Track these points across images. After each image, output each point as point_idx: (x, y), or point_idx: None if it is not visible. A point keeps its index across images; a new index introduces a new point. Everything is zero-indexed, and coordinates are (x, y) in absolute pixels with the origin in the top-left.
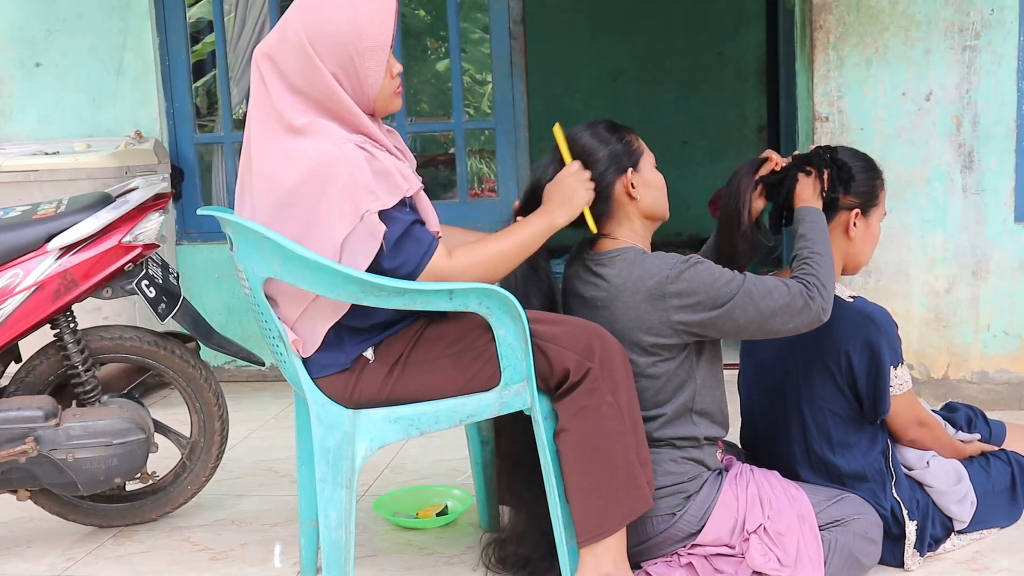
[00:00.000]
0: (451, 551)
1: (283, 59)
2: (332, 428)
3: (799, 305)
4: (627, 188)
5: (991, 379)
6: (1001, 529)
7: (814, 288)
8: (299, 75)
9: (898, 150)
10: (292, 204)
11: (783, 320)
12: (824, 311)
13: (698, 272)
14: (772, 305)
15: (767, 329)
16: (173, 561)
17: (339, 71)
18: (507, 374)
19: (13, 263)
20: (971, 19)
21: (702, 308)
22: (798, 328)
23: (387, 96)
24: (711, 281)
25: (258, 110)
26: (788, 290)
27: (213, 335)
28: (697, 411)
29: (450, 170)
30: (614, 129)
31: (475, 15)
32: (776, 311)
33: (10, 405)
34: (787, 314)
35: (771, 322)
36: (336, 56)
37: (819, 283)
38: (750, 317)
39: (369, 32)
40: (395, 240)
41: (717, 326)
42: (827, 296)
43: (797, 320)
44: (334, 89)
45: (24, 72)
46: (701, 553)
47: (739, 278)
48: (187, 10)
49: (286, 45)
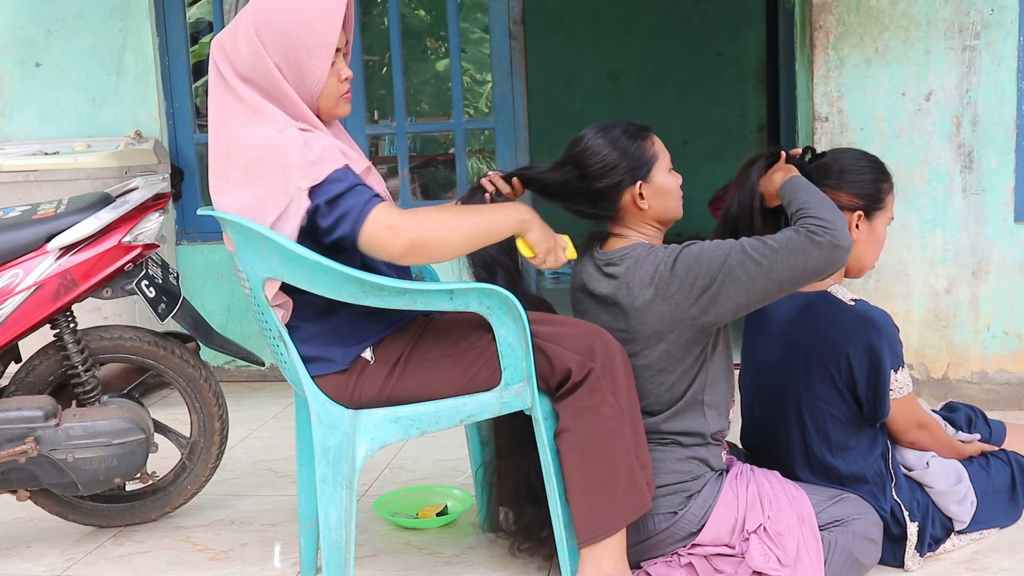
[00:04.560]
0: (451, 551)
1: (232, 48)
2: (332, 428)
3: (800, 241)
4: (635, 198)
5: (991, 379)
6: (1001, 529)
7: (812, 224)
8: (245, 64)
9: (898, 150)
10: (240, 186)
11: (792, 261)
12: (837, 239)
13: (688, 252)
14: (772, 248)
15: (780, 278)
16: (173, 561)
17: (282, 62)
18: (508, 374)
19: (13, 263)
20: (971, 19)
21: (701, 280)
22: (818, 267)
23: (332, 98)
24: (699, 254)
25: (213, 94)
26: (786, 235)
27: (213, 335)
28: (707, 403)
29: (450, 170)
30: (630, 135)
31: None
32: (778, 252)
33: (10, 405)
34: (792, 253)
35: (779, 267)
36: (279, 47)
37: (816, 218)
38: (753, 274)
39: (314, 28)
40: (333, 196)
41: (725, 293)
42: (830, 224)
43: (809, 259)
44: (276, 79)
45: (24, 72)
46: (701, 553)
47: (730, 241)
48: (187, 10)
49: (238, 36)
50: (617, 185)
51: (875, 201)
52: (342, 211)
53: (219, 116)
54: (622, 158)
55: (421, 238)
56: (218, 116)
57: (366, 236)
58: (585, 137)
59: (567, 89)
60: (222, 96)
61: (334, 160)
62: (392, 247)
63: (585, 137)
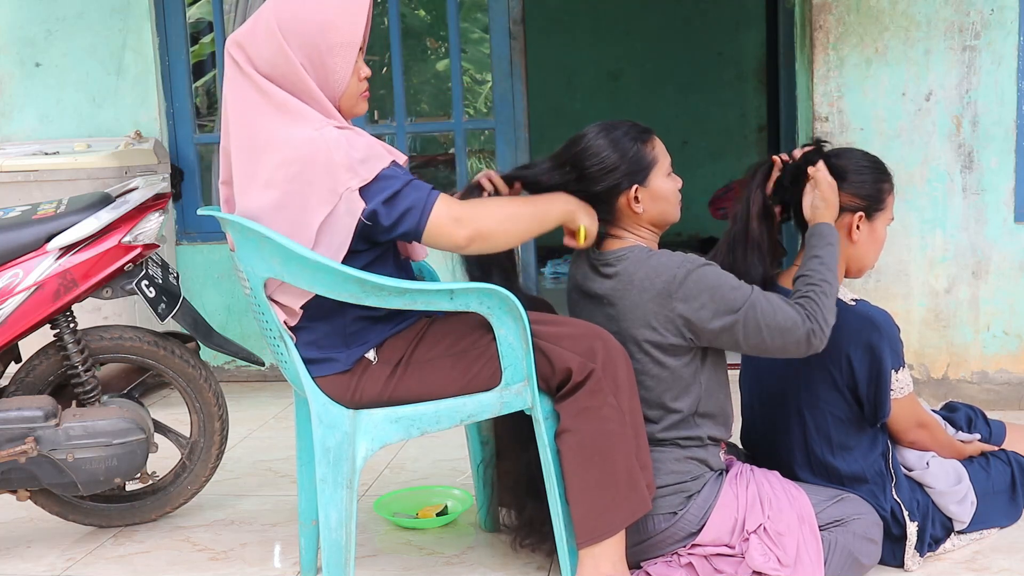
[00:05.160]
0: (451, 551)
1: (253, 46)
2: (333, 428)
3: (801, 334)
4: (630, 201)
5: (991, 379)
6: (1001, 529)
7: (817, 323)
8: (267, 62)
9: (898, 150)
10: (271, 185)
11: (781, 344)
12: (821, 345)
13: (704, 275)
14: (774, 325)
15: (763, 348)
16: (173, 561)
17: (307, 62)
18: (508, 374)
19: (13, 263)
20: (971, 19)
21: (706, 312)
22: (789, 354)
23: (353, 97)
24: (717, 285)
25: (234, 91)
26: (793, 316)
27: (213, 335)
28: (701, 414)
29: (450, 170)
30: (631, 137)
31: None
32: (776, 332)
33: (10, 405)
34: (787, 339)
35: (769, 342)
36: (303, 46)
37: (822, 317)
38: (750, 332)
39: (340, 27)
40: (392, 194)
41: (720, 335)
42: (827, 331)
43: (794, 348)
44: (303, 78)
45: (24, 72)
46: (701, 553)
47: (746, 288)
48: (187, 10)
49: (257, 34)
50: (614, 188)
51: (876, 202)
52: (405, 207)
53: (241, 111)
54: (620, 161)
55: (485, 229)
56: (240, 111)
57: (432, 230)
58: (585, 137)
59: (567, 89)
60: (244, 91)
61: (379, 158)
62: (458, 238)
63: (585, 137)
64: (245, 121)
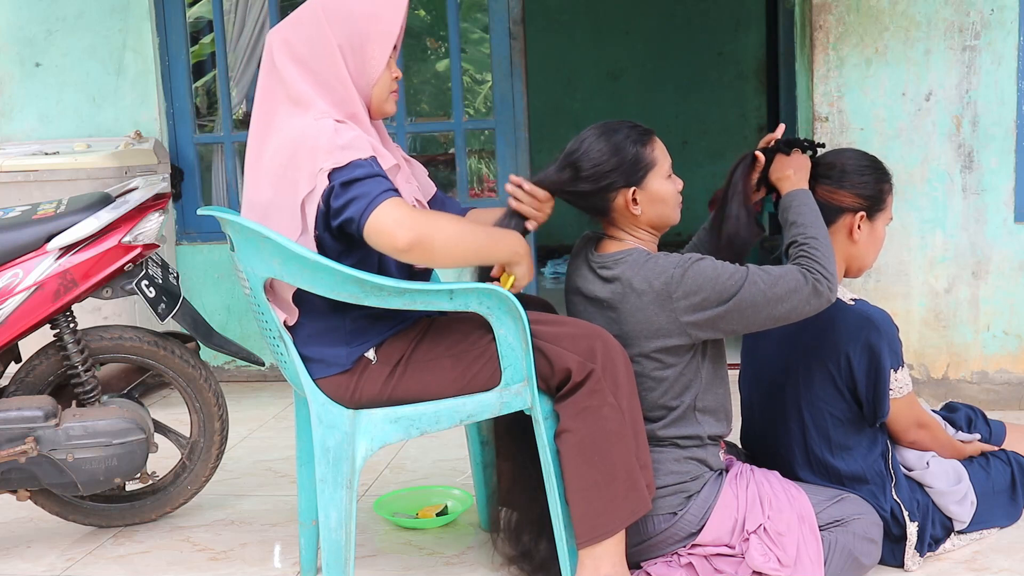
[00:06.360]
0: (451, 551)
1: (294, 30)
2: (332, 428)
3: (807, 291)
4: (627, 203)
5: (991, 379)
6: (1001, 529)
7: (818, 272)
8: (305, 43)
9: (898, 150)
10: (269, 172)
11: (792, 307)
12: (832, 292)
13: (701, 269)
14: (779, 292)
15: (777, 317)
16: (173, 561)
17: (346, 46)
18: (507, 374)
19: (13, 263)
20: (971, 19)
21: (709, 304)
22: (807, 314)
23: (384, 92)
24: (714, 276)
25: (262, 83)
26: (793, 276)
27: (213, 335)
28: (700, 409)
29: (450, 170)
30: (632, 139)
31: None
32: (783, 297)
33: (10, 405)
34: (795, 300)
35: (779, 309)
36: (345, 30)
37: (821, 267)
38: (759, 308)
39: (380, 17)
40: (351, 179)
41: (727, 320)
42: (832, 277)
43: (807, 306)
44: (336, 62)
45: (24, 72)
46: (701, 553)
47: (742, 270)
48: (187, 10)
49: (302, 16)
50: (611, 190)
51: (877, 202)
52: (354, 194)
53: (260, 101)
54: (619, 163)
55: (427, 239)
56: (259, 102)
57: (372, 224)
58: (585, 139)
59: (567, 89)
60: (269, 83)
61: (360, 150)
62: (396, 240)
63: (585, 139)
64: (262, 110)
